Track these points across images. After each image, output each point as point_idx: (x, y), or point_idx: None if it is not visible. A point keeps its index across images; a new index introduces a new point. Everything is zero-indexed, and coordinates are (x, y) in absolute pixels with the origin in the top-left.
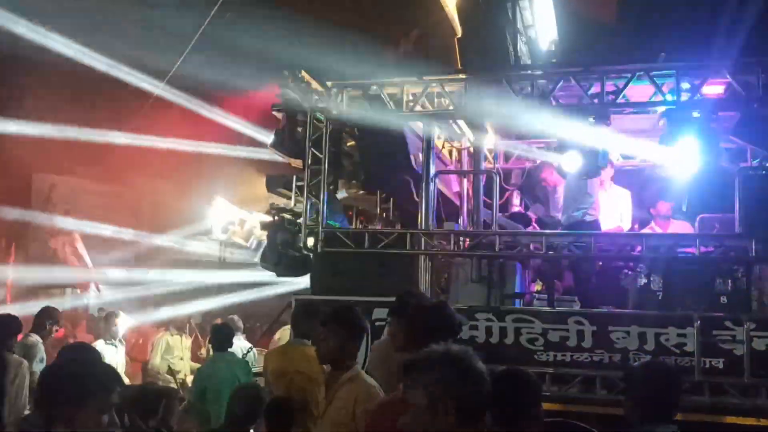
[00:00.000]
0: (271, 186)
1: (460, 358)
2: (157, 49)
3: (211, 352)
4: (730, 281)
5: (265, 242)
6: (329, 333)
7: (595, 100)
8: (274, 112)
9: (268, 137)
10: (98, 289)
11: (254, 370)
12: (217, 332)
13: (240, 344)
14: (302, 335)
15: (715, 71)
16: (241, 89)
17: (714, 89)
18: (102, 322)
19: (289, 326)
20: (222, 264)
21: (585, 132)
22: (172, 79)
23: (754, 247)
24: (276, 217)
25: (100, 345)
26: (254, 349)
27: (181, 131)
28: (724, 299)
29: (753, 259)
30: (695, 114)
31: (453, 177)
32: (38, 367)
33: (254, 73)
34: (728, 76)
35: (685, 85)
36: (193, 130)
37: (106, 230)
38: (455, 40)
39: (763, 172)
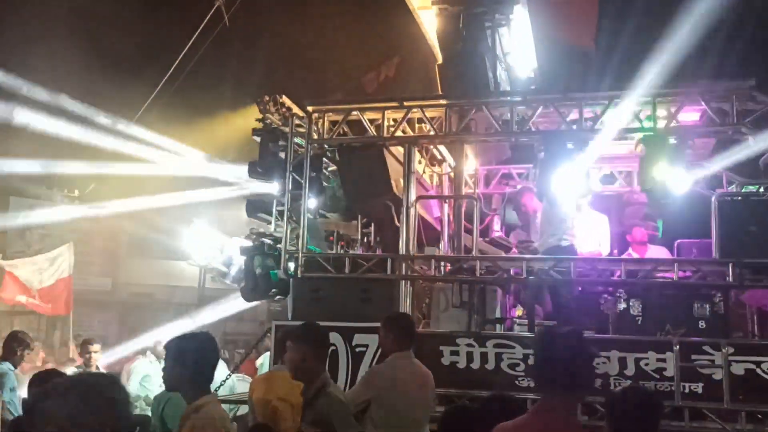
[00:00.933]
0: (251, 210)
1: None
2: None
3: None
4: (708, 306)
5: (244, 267)
6: (291, 350)
7: (574, 127)
8: (254, 137)
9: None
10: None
11: (233, 397)
12: None
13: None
14: (282, 361)
15: (691, 98)
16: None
17: (690, 116)
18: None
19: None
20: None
21: (564, 158)
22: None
23: (730, 271)
24: (256, 242)
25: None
26: (233, 376)
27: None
28: (702, 324)
29: (730, 284)
30: (672, 140)
31: (434, 202)
32: (9, 396)
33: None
34: (703, 104)
35: (662, 112)
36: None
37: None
38: (436, 66)
39: (739, 197)
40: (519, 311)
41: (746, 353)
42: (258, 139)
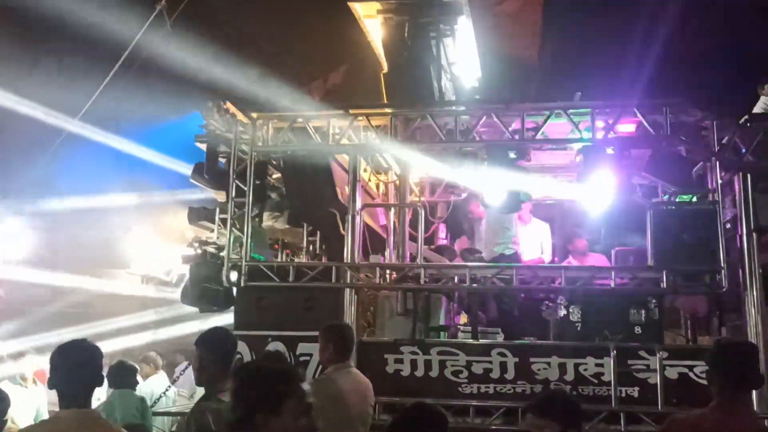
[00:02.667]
0: (193, 218)
1: None
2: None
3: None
4: (643, 312)
5: (186, 276)
6: (193, 355)
7: (516, 137)
8: (197, 144)
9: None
10: None
11: (173, 409)
12: (112, 370)
13: (157, 383)
14: None
15: (628, 111)
16: (162, 120)
17: (627, 128)
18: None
19: None
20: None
21: (507, 167)
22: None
23: (664, 278)
24: (198, 251)
25: (5, 385)
26: (173, 388)
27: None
28: (638, 329)
29: (663, 291)
30: (609, 151)
31: (379, 210)
32: None
33: (177, 104)
34: (639, 116)
35: (600, 124)
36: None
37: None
38: (381, 75)
39: (673, 207)
40: (463, 318)
41: (680, 357)
42: (201, 145)
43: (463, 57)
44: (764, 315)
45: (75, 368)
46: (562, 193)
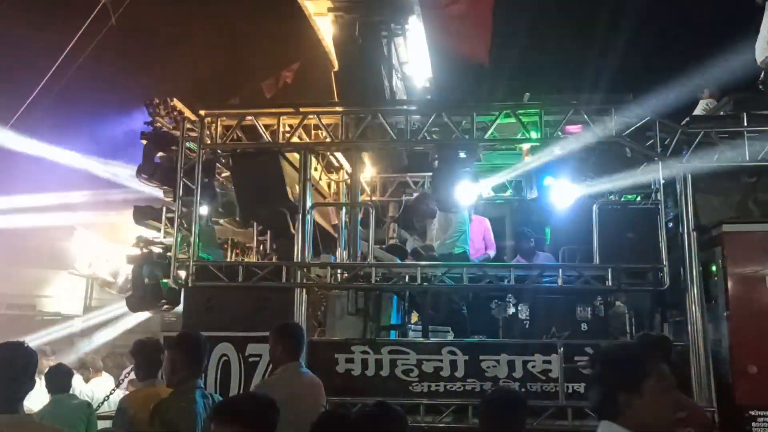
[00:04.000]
0: (139, 217)
1: None
2: None
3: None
4: (589, 309)
5: (131, 277)
6: (164, 358)
7: (467, 136)
8: (143, 141)
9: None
10: None
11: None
12: (49, 375)
13: (99, 386)
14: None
15: (575, 111)
16: (109, 116)
17: (574, 128)
18: None
19: None
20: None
21: (457, 166)
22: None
23: (609, 276)
24: (144, 250)
25: None
26: (117, 390)
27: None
28: (584, 326)
29: (608, 288)
30: (557, 151)
31: (331, 209)
32: None
33: (122, 101)
34: (586, 116)
35: (548, 124)
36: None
37: None
38: (332, 73)
39: (618, 206)
40: (415, 317)
41: None
42: (147, 142)
43: (414, 57)
44: (704, 311)
45: (3, 372)
46: (512, 192)
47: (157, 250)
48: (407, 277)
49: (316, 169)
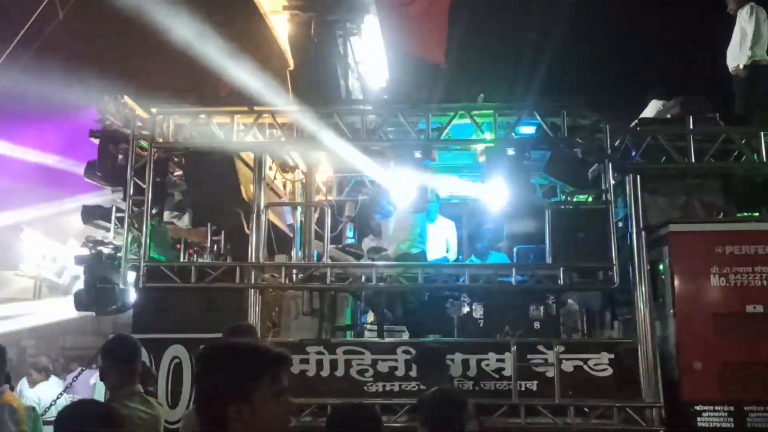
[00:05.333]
0: (88, 217)
1: None
2: None
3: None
4: (542, 308)
5: (80, 278)
6: (101, 366)
7: (422, 137)
8: (92, 139)
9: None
10: None
11: None
12: None
13: (46, 390)
14: None
15: (528, 113)
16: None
17: (527, 129)
18: None
19: None
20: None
21: (413, 166)
22: None
23: (561, 275)
24: (93, 251)
25: None
26: (65, 395)
27: None
28: (537, 325)
29: (560, 287)
30: (511, 152)
31: (287, 209)
32: None
33: (70, 98)
34: (539, 118)
35: (502, 125)
36: None
37: None
38: (288, 72)
39: (570, 206)
40: (370, 317)
41: (575, 351)
42: (96, 141)
43: (370, 56)
44: (652, 309)
45: None
46: (467, 192)
47: (106, 250)
48: (363, 277)
49: (270, 169)
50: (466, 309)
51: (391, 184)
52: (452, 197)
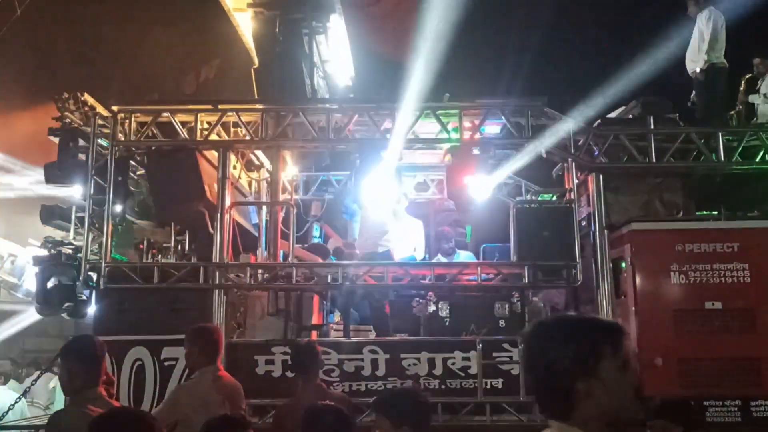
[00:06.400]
0: (47, 217)
1: None
2: None
3: None
4: (507, 306)
5: (39, 279)
6: (64, 368)
7: (388, 136)
8: (51, 137)
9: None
10: None
11: (23, 422)
12: None
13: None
14: None
15: (493, 112)
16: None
17: (492, 129)
18: None
19: None
20: None
21: (379, 165)
22: None
23: (526, 273)
24: (52, 252)
25: None
26: (23, 400)
27: None
28: (502, 323)
29: (525, 285)
30: (476, 151)
31: (253, 208)
32: None
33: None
34: (503, 117)
35: (467, 124)
36: None
37: None
38: (252, 70)
39: (534, 205)
40: (337, 317)
41: None
42: (55, 139)
43: (336, 55)
44: (614, 307)
45: None
46: (434, 191)
47: (66, 251)
48: (329, 277)
49: (235, 167)
50: (432, 308)
51: (356, 184)
52: (418, 197)
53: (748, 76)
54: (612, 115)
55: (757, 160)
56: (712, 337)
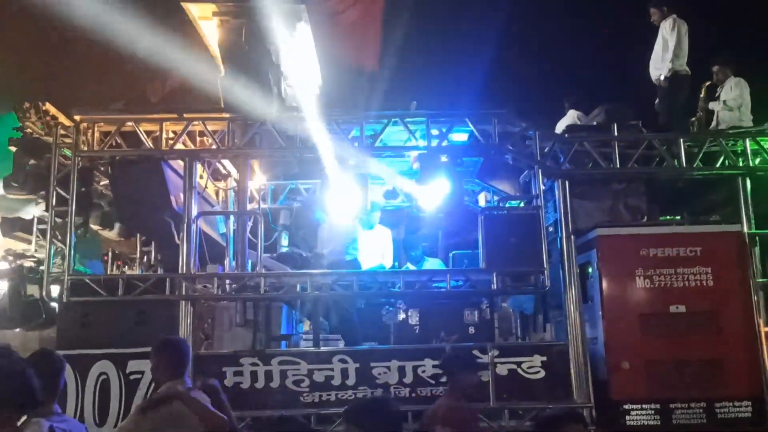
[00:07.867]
0: (7, 229)
1: None
2: None
3: None
4: (476, 312)
5: (4, 293)
6: None
7: (356, 144)
8: (11, 147)
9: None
10: None
11: None
12: None
13: None
14: None
15: (460, 120)
16: None
17: (460, 136)
18: None
19: None
20: None
21: (347, 173)
22: None
23: (495, 280)
24: (13, 265)
25: None
26: None
27: None
28: (472, 329)
29: (493, 291)
30: (444, 158)
31: (219, 218)
32: None
33: None
34: (471, 125)
35: (435, 132)
36: None
37: None
38: (218, 79)
39: (502, 212)
40: (306, 327)
41: (510, 355)
42: (15, 149)
43: (303, 64)
44: (582, 311)
45: None
46: (402, 199)
47: (28, 264)
48: (298, 286)
49: (201, 177)
50: (401, 316)
51: (324, 192)
52: (387, 204)
53: (707, 84)
54: (568, 123)
55: (717, 165)
56: (677, 340)
